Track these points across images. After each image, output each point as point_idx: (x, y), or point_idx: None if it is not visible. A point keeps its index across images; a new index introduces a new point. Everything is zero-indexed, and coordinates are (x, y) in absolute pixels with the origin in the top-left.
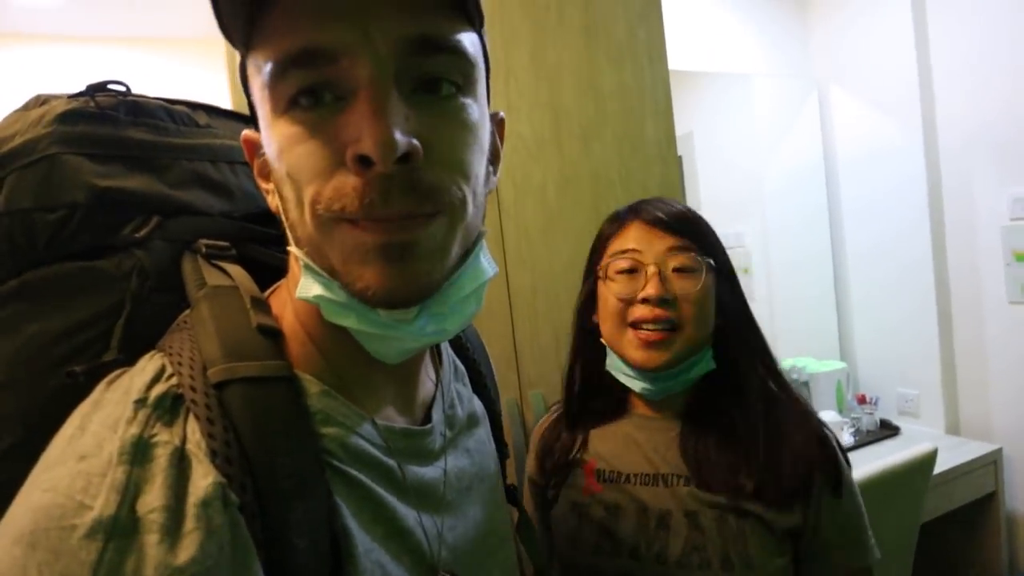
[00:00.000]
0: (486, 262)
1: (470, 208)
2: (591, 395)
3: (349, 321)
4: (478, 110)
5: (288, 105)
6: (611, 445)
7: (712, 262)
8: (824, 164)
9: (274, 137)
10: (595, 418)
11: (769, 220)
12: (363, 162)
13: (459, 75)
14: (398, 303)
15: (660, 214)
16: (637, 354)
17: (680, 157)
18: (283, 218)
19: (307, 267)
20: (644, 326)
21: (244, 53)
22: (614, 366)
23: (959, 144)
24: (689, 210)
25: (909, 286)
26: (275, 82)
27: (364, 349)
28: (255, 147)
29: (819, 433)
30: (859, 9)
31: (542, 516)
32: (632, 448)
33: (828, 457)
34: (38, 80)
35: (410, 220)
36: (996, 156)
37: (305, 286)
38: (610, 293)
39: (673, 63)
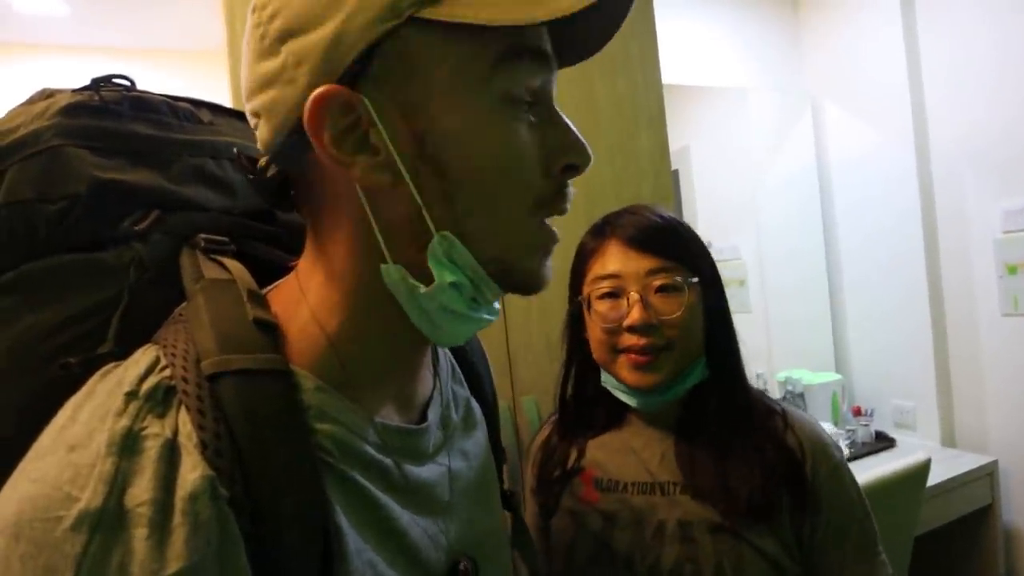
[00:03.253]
0: None
1: None
2: (587, 406)
3: (459, 305)
4: None
5: (510, 97)
6: (609, 454)
7: (695, 279)
8: (819, 178)
9: (488, 122)
10: (592, 428)
11: (765, 233)
12: (570, 169)
13: None
14: (535, 290)
15: (635, 232)
16: (630, 376)
17: (676, 171)
18: (425, 197)
19: (444, 254)
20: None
21: (415, 15)
22: (609, 383)
23: (951, 159)
24: (668, 222)
25: (903, 298)
26: (506, 64)
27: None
28: (343, 107)
29: (787, 458)
30: (851, 26)
31: (543, 526)
32: (630, 457)
33: (789, 486)
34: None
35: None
36: (988, 170)
37: (441, 273)
38: (595, 323)
39: (670, 77)
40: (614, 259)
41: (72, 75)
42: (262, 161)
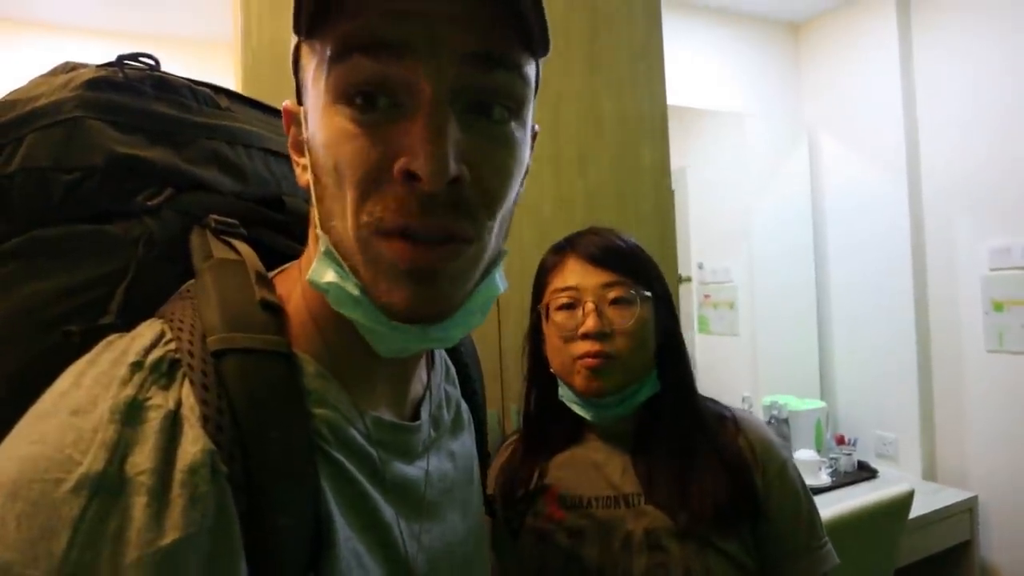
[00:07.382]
0: (499, 279)
1: (496, 234)
2: (547, 422)
3: (356, 315)
4: (524, 137)
5: (342, 98)
6: (572, 471)
7: (648, 292)
8: (812, 207)
9: (324, 125)
10: (553, 446)
11: (756, 258)
12: (411, 177)
13: (513, 98)
14: (418, 321)
15: (595, 250)
16: (583, 383)
17: (672, 191)
18: (313, 198)
19: (327, 253)
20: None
21: (302, 37)
22: (566, 396)
23: (942, 195)
24: (624, 243)
25: (890, 330)
26: (336, 65)
27: (364, 343)
28: (293, 119)
29: (739, 462)
30: (850, 61)
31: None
32: (592, 472)
33: (744, 488)
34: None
35: (441, 247)
36: (977, 207)
37: (319, 271)
38: (553, 332)
39: (669, 98)
40: (573, 273)
41: (79, 57)
42: None
